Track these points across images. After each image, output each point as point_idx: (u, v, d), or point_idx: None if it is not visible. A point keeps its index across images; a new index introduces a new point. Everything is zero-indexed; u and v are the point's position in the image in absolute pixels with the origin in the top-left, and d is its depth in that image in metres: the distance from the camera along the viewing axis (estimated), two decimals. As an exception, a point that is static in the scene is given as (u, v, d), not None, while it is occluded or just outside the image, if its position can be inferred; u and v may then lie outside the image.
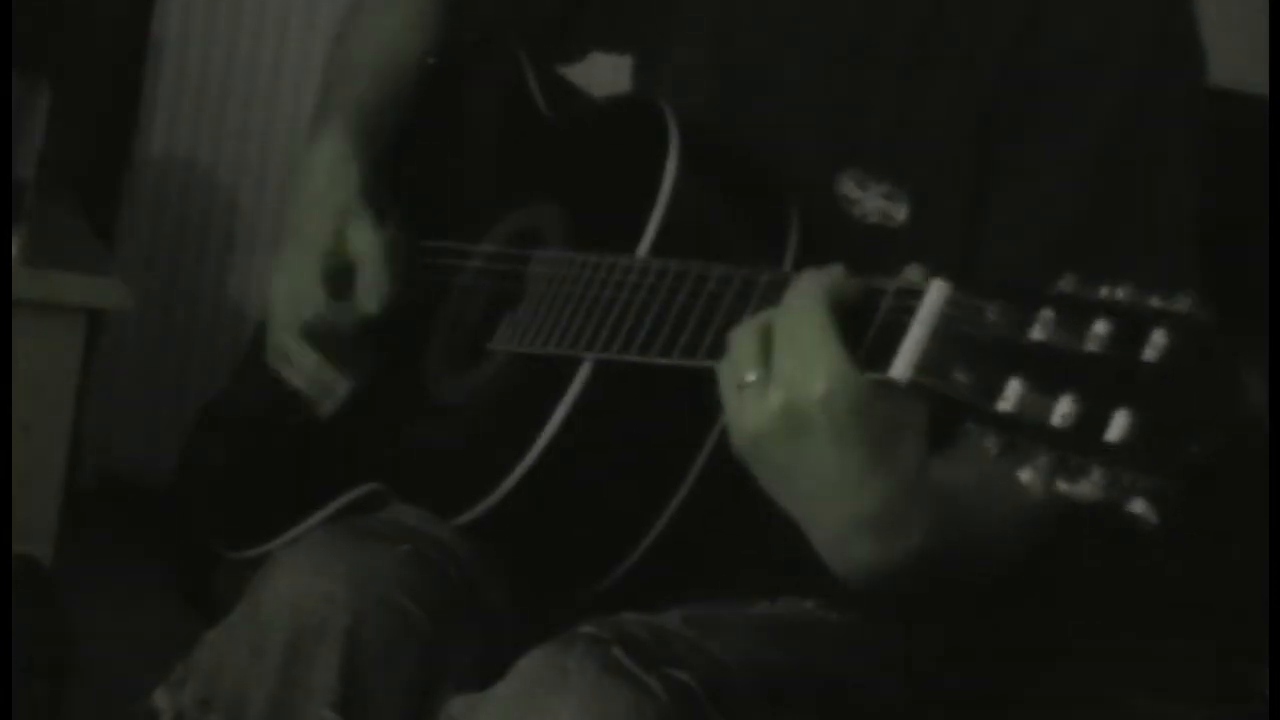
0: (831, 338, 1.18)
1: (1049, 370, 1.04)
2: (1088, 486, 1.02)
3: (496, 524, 1.42)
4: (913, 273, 1.19)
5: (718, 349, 1.28)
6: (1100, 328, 1.02)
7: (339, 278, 1.63)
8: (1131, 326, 1.01)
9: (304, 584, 1.41)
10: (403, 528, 1.48)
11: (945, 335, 1.13)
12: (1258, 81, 1.87)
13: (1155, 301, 1.01)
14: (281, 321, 1.65)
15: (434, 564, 1.45)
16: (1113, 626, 1.67)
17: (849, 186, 1.48)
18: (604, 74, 1.78)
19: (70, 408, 2.46)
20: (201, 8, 3.22)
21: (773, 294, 1.27)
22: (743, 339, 1.22)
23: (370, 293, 1.61)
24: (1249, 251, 1.60)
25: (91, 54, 3.11)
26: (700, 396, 1.32)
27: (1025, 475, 1.04)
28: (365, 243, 1.62)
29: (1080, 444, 1.01)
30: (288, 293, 1.65)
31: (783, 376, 1.19)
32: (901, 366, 1.15)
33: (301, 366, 1.64)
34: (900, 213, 1.47)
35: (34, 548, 2.31)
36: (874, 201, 1.47)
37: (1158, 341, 1.00)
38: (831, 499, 1.22)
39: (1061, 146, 1.43)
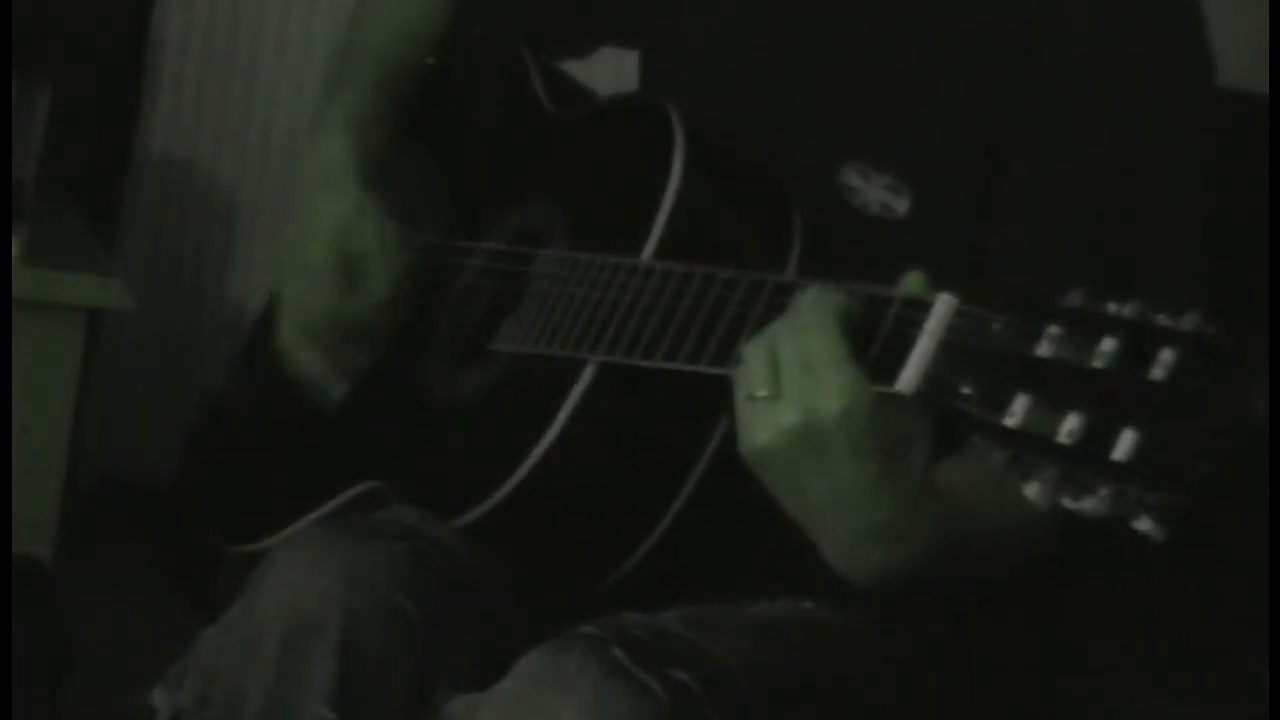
0: (844, 355, 1.18)
1: (1056, 387, 1.04)
2: (1093, 503, 1.02)
3: (497, 525, 1.42)
4: (914, 281, 1.19)
5: (722, 354, 1.29)
6: (1108, 345, 1.02)
7: (346, 269, 1.63)
8: (1139, 344, 1.01)
9: (301, 582, 1.41)
10: (401, 526, 1.48)
11: (952, 349, 1.13)
12: (1258, 81, 1.87)
13: (1163, 319, 1.01)
14: (291, 318, 1.65)
15: (432, 563, 1.45)
16: (1114, 628, 1.67)
17: (851, 176, 1.48)
18: (604, 71, 1.78)
19: (70, 408, 2.45)
20: (201, 7, 3.22)
21: (779, 298, 1.28)
22: (754, 355, 1.22)
23: (381, 280, 1.62)
24: (1249, 251, 1.60)
25: (91, 54, 3.11)
26: (703, 399, 1.33)
27: (1031, 490, 1.05)
28: (371, 232, 1.63)
29: (1087, 461, 1.02)
30: (296, 289, 1.65)
31: (795, 394, 1.19)
32: (909, 380, 1.15)
33: (308, 365, 1.65)
34: (902, 205, 1.47)
35: (34, 548, 2.31)
36: (876, 193, 1.47)
37: (1165, 360, 1.00)
38: (842, 510, 1.23)
39: (1072, 155, 1.43)
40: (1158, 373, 1.00)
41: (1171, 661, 1.68)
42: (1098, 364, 1.02)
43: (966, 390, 1.10)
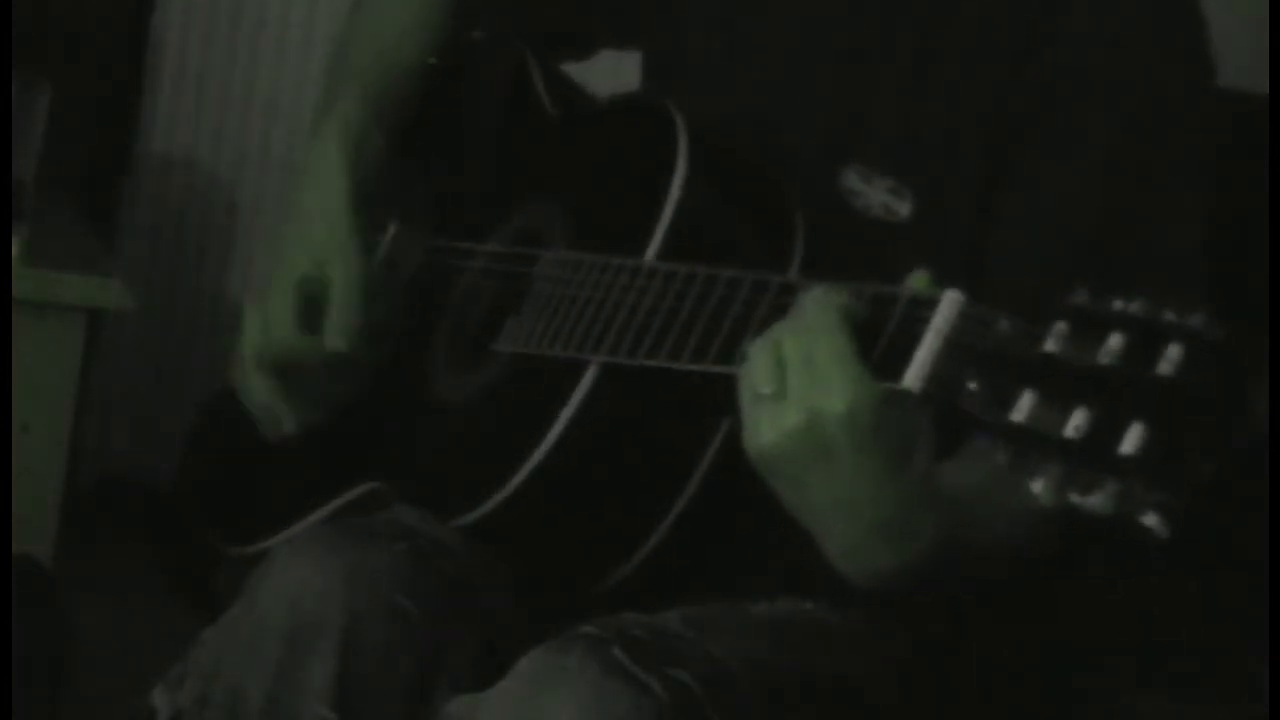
0: (849, 356, 1.19)
1: (1062, 383, 1.04)
2: (1099, 499, 1.02)
3: (498, 526, 1.42)
4: (920, 279, 1.19)
5: (726, 355, 1.29)
6: (1114, 341, 1.02)
7: (314, 306, 1.59)
8: (1145, 340, 1.01)
9: (301, 582, 1.41)
10: (401, 527, 1.48)
11: (958, 346, 1.13)
12: (1258, 81, 1.87)
13: (1169, 316, 1.02)
14: (247, 346, 1.63)
15: (432, 563, 1.45)
16: (1114, 627, 1.67)
17: (853, 179, 1.48)
18: (604, 71, 1.78)
19: (70, 408, 2.45)
20: (202, 8, 3.22)
21: (783, 298, 1.28)
22: (759, 353, 1.22)
23: (338, 329, 1.58)
24: (1249, 251, 1.60)
25: (91, 54, 3.11)
26: (705, 399, 1.33)
27: (1037, 486, 1.05)
28: (342, 273, 1.58)
29: (1093, 457, 1.02)
30: (259, 319, 1.62)
31: (799, 393, 1.19)
32: (914, 377, 1.15)
33: (254, 395, 1.63)
34: (904, 208, 1.47)
35: (34, 548, 2.30)
36: (878, 195, 1.47)
37: (1172, 356, 1.00)
38: (845, 509, 1.23)
39: (1072, 155, 1.43)
40: (1165, 368, 1.00)
41: (1171, 661, 1.68)
42: (1104, 360, 1.02)
43: (972, 387, 1.10)
